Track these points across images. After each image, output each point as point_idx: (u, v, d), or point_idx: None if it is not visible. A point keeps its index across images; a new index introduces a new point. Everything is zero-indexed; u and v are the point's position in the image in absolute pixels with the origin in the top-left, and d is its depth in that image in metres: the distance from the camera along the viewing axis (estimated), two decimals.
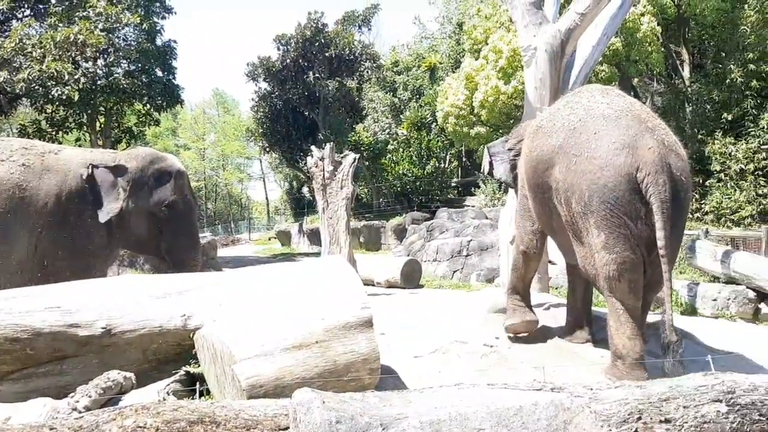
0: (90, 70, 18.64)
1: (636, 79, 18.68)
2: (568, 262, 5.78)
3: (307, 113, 30.27)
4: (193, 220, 7.45)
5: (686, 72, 18.88)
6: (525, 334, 5.87)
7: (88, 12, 17.40)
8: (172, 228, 7.04)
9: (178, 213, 7.07)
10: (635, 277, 4.44)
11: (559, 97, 8.36)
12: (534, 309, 6.08)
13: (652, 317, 6.06)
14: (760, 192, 14.97)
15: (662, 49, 17.23)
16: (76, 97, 17.55)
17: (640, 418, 2.42)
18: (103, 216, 6.64)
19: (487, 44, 17.70)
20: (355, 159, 10.65)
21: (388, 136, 28.17)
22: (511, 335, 5.86)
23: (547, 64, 9.94)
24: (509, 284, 6.11)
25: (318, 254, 15.10)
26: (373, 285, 11.33)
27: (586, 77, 10.55)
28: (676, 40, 19.13)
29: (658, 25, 16.77)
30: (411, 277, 11.50)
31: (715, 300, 7.76)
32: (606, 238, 4.38)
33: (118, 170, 6.82)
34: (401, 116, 27.52)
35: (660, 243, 4.21)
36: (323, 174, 10.44)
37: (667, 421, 2.43)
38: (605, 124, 4.53)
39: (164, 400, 3.76)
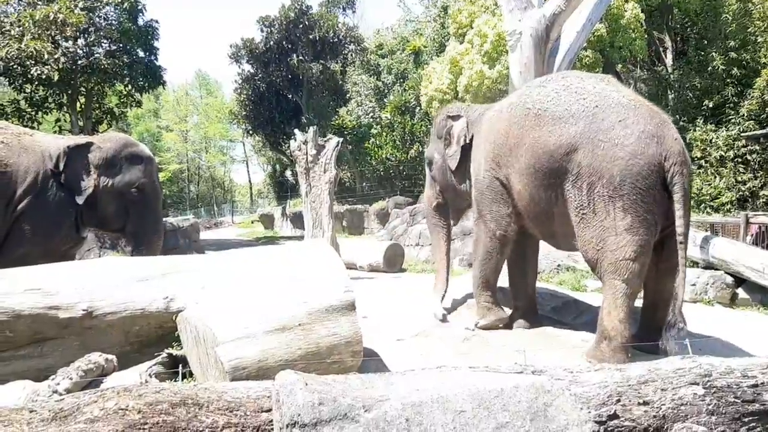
0: (70, 49, 18.35)
1: (619, 66, 18.74)
2: (554, 246, 5.84)
3: (290, 96, 30.07)
4: (158, 206, 7.72)
5: (669, 59, 19.00)
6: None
7: None
8: (138, 210, 7.29)
9: (146, 196, 7.34)
10: (647, 260, 4.63)
11: None
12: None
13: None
14: (739, 179, 15.13)
15: (645, 35, 17.29)
16: (56, 77, 17.29)
17: (619, 401, 2.45)
18: (81, 198, 6.85)
19: (472, 28, 17.64)
20: (338, 143, 10.62)
21: (371, 120, 28.11)
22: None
23: (532, 48, 9.96)
24: (479, 280, 5.98)
25: (301, 238, 15.08)
26: (356, 269, 11.35)
27: (570, 62, 10.58)
28: (660, 27, 19.22)
29: (642, 11, 16.82)
30: (394, 261, 11.53)
31: (693, 285, 7.85)
32: (632, 221, 4.50)
33: (90, 149, 7.03)
34: (385, 100, 27.45)
35: (680, 230, 4.42)
36: (306, 158, 10.40)
37: (645, 403, 2.47)
38: (626, 113, 4.65)
39: (146, 382, 3.75)
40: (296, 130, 11.24)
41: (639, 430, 2.41)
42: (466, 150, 6.21)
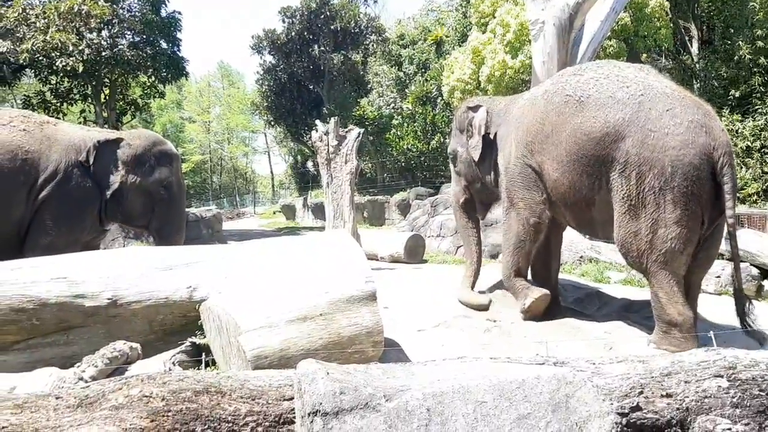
0: (94, 41, 18.51)
1: (644, 55, 18.47)
2: (589, 235, 5.83)
3: (311, 87, 30.08)
4: (183, 204, 7.86)
5: (694, 48, 18.68)
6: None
7: None
8: (164, 208, 7.35)
9: (172, 195, 7.42)
10: (692, 251, 4.65)
11: None
12: None
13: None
14: (765, 169, 14.88)
15: (671, 24, 17.01)
16: (81, 69, 17.45)
17: (641, 393, 2.43)
18: (108, 193, 6.93)
19: (495, 18, 17.48)
20: (359, 134, 10.60)
21: (392, 110, 28.01)
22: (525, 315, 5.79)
23: (555, 38, 9.86)
24: (510, 268, 5.93)
25: (322, 228, 15.13)
26: (377, 260, 11.35)
27: (594, 52, 10.46)
28: (685, 16, 18.90)
29: (667, 0, 16.56)
30: (415, 252, 11.52)
31: (718, 277, 7.74)
32: (681, 214, 4.50)
33: (120, 145, 7.07)
34: (406, 90, 27.31)
35: (730, 221, 4.46)
36: (327, 148, 10.41)
37: (668, 395, 2.44)
38: (672, 102, 4.62)
39: (170, 370, 3.80)
40: (317, 121, 11.24)
41: (662, 423, 2.39)
42: (489, 140, 6.17)
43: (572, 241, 8.88)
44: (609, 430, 2.32)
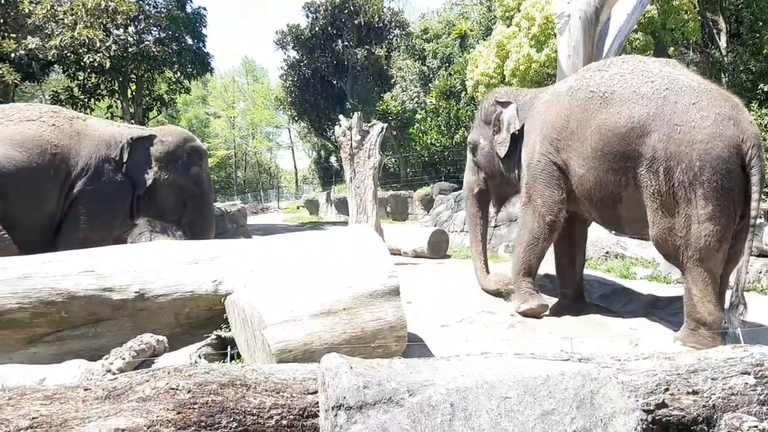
0: (121, 37, 18.74)
1: (671, 48, 18.20)
2: (616, 232, 5.78)
3: (335, 82, 30.14)
4: (212, 199, 8.05)
5: (723, 41, 18.38)
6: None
7: None
8: (195, 204, 7.47)
9: (203, 190, 7.56)
10: (727, 247, 4.59)
11: None
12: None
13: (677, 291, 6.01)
14: None
15: (699, 17, 16.75)
16: (108, 65, 17.68)
17: (667, 389, 2.41)
18: (141, 190, 7.02)
19: (520, 11, 17.35)
20: (382, 128, 10.60)
21: (416, 105, 27.93)
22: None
23: (581, 31, 9.75)
24: (521, 265, 5.89)
25: (345, 223, 15.15)
26: (400, 255, 11.35)
27: (620, 46, 10.33)
28: (713, 9, 18.58)
29: None
30: (438, 247, 11.49)
31: (746, 273, 7.63)
32: (713, 210, 4.43)
33: (153, 142, 7.15)
34: (430, 85, 27.20)
35: (753, 213, 4.40)
36: (351, 143, 10.42)
37: (694, 392, 2.42)
38: (699, 95, 4.56)
39: (196, 363, 3.84)
40: (340, 116, 11.25)
41: (688, 420, 2.37)
42: (516, 137, 6.12)
43: (598, 236, 8.80)
44: (634, 427, 2.31)
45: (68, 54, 16.94)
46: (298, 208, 34.35)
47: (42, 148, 6.37)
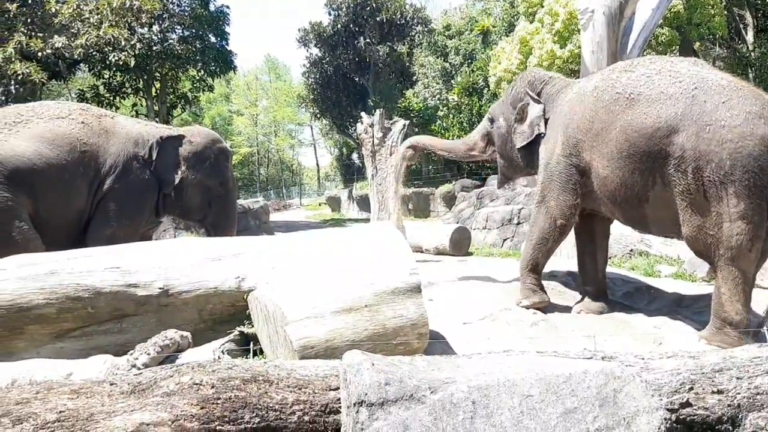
0: (145, 35, 18.96)
1: (697, 44, 17.96)
2: (641, 231, 5.78)
3: (357, 79, 30.18)
4: (236, 198, 8.17)
5: (750, 36, 18.10)
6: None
7: None
8: (220, 204, 7.58)
9: (228, 190, 7.67)
10: (760, 246, 4.53)
11: (617, 61, 8.10)
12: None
13: (706, 289, 5.93)
14: None
15: (725, 12, 16.50)
16: (133, 63, 17.87)
17: (692, 389, 2.39)
18: (168, 189, 7.10)
19: (543, 7, 17.24)
20: (404, 125, 10.60)
21: (438, 102, 27.87)
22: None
23: (605, 27, 9.64)
24: (529, 261, 5.92)
25: (367, 220, 15.18)
26: (422, 252, 11.34)
27: (645, 41, 10.20)
28: (740, 3, 18.31)
29: None
30: (460, 244, 11.46)
31: None
32: (745, 208, 4.39)
33: (182, 142, 7.24)
34: (452, 82, 27.13)
35: None
36: (373, 140, 10.44)
37: (719, 392, 2.39)
38: (729, 94, 4.51)
39: (219, 358, 3.88)
40: (363, 113, 11.28)
41: (712, 420, 2.34)
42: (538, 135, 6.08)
43: (622, 234, 8.72)
44: (658, 426, 2.29)
45: (94, 53, 17.15)
46: (320, 205, 34.51)
47: (72, 146, 6.43)
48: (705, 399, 2.37)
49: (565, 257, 7.77)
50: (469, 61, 26.97)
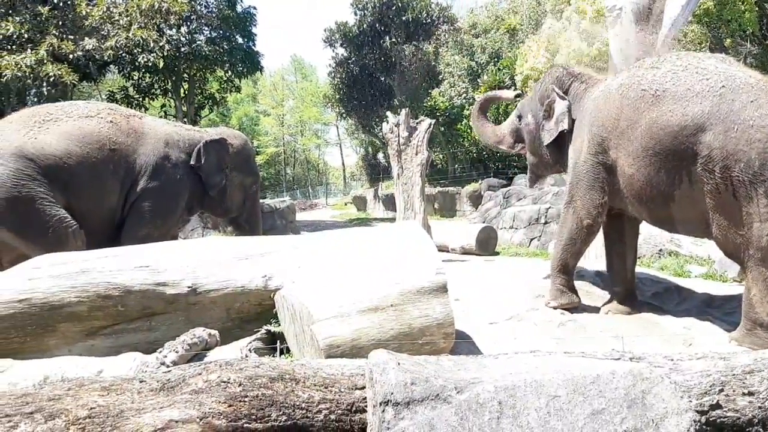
0: (174, 37, 19.18)
1: (728, 40, 17.64)
2: (667, 230, 5.73)
3: (383, 78, 30.17)
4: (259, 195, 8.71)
5: None
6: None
7: None
8: (253, 202, 8.16)
9: (258, 188, 8.30)
10: None
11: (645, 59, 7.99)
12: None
13: (737, 289, 5.84)
14: None
15: (756, 8, 16.19)
16: (161, 64, 18.14)
17: (722, 390, 2.35)
18: (213, 191, 7.41)
19: (570, 4, 17.10)
20: (430, 125, 10.56)
21: (464, 100, 27.72)
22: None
23: (633, 25, 9.53)
24: (558, 262, 5.88)
25: (393, 220, 15.18)
26: (448, 251, 11.31)
27: (674, 39, 10.05)
28: None
29: None
30: (486, 244, 11.41)
31: None
32: None
33: (225, 146, 7.56)
34: (478, 80, 26.97)
35: None
36: (398, 140, 10.42)
37: (750, 393, 2.35)
38: (757, 93, 4.44)
39: (246, 357, 3.91)
40: (388, 113, 11.26)
41: (743, 422, 2.30)
42: (564, 133, 6.03)
43: (651, 234, 8.61)
44: (687, 428, 2.26)
45: (123, 54, 17.42)
46: (346, 204, 34.60)
47: (101, 144, 6.50)
48: (735, 401, 2.33)
49: (594, 257, 7.69)
50: (496, 59, 26.79)
